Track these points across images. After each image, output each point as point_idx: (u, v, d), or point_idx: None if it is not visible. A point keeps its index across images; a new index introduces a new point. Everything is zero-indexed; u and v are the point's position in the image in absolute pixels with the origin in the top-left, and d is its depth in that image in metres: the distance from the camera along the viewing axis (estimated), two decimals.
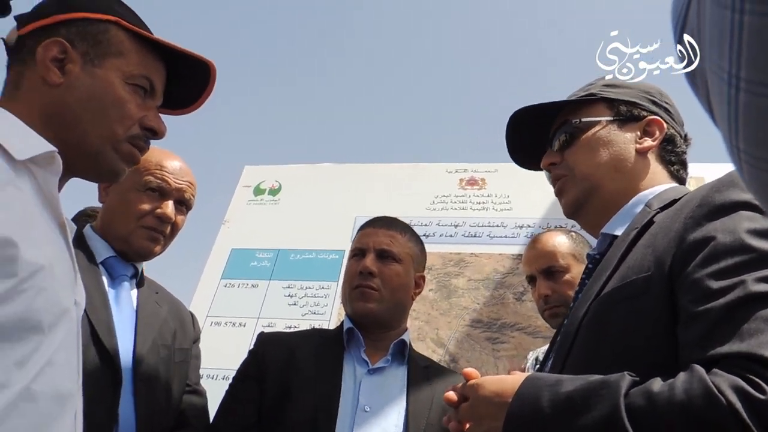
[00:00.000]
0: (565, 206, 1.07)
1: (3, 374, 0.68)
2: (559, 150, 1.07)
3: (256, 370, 1.42)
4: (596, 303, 0.87)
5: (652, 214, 0.92)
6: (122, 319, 1.29)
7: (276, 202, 2.90)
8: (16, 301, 0.70)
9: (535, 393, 0.76)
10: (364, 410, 1.33)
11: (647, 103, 1.06)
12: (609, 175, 1.02)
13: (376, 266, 1.47)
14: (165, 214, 1.38)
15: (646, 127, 1.04)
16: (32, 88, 0.86)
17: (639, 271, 0.83)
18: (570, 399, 0.73)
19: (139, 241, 1.36)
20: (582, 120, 1.05)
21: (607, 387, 0.71)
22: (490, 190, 2.77)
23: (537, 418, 0.74)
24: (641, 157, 1.03)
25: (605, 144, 1.03)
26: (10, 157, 0.76)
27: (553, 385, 0.75)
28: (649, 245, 0.86)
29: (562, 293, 1.65)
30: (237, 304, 2.55)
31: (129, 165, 0.92)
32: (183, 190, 1.43)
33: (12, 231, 0.71)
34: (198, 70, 1.00)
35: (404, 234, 1.56)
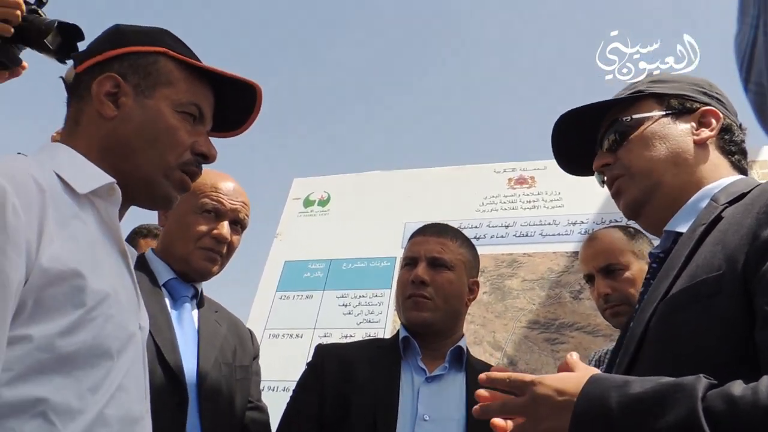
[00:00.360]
0: (625, 207, 1.03)
1: (78, 401, 0.72)
2: (611, 150, 1.04)
3: (314, 382, 1.43)
4: (663, 304, 0.83)
5: (720, 209, 0.87)
6: (185, 339, 1.33)
7: (326, 212, 2.93)
8: (87, 329, 0.74)
9: (603, 393, 0.72)
10: (424, 419, 1.33)
11: (698, 95, 1.02)
12: (669, 170, 0.97)
13: (429, 275, 1.46)
14: (221, 235, 1.42)
15: (701, 118, 1.00)
16: (90, 122, 0.90)
17: (709, 270, 0.79)
18: (641, 401, 0.69)
19: (198, 262, 1.41)
20: (633, 117, 1.01)
21: (682, 390, 0.67)
22: (540, 188, 2.72)
23: (606, 421, 0.70)
24: (700, 149, 0.98)
25: (661, 138, 0.99)
26: (73, 192, 0.80)
27: (621, 386, 0.71)
28: (718, 242, 0.81)
29: (622, 291, 1.60)
30: (293, 316, 2.59)
31: (181, 192, 0.95)
32: (237, 210, 1.47)
33: (79, 262, 0.74)
34: (245, 92, 1.03)
35: (455, 240, 1.54)
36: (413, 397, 1.37)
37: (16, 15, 1.19)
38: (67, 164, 0.84)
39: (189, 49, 0.99)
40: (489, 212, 2.71)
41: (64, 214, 0.76)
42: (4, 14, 1.18)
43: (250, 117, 1.06)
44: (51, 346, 0.70)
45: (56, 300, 0.71)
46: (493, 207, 2.72)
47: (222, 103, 1.01)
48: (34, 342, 0.69)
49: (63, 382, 0.71)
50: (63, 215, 0.76)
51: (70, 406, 0.70)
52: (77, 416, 0.71)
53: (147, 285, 1.33)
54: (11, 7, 1.18)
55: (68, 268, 0.72)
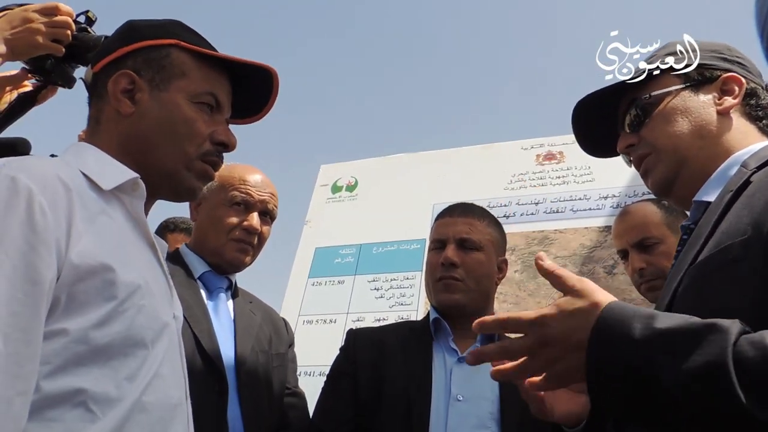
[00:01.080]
0: (654, 185, 1.01)
1: (116, 389, 0.74)
2: (633, 130, 1.01)
3: (348, 366, 1.45)
4: (690, 271, 0.81)
5: (749, 174, 0.85)
6: (222, 328, 1.37)
7: (354, 197, 2.94)
8: (119, 320, 0.76)
9: (624, 322, 0.66)
10: (457, 399, 1.33)
11: (718, 62, 0.99)
12: (695, 144, 0.95)
13: (458, 256, 1.45)
14: (251, 226, 1.45)
15: (723, 86, 0.97)
16: (109, 120, 0.92)
17: (735, 235, 0.76)
18: (670, 335, 0.64)
19: (231, 254, 1.45)
20: (652, 94, 0.99)
21: (717, 331, 0.63)
22: (569, 163, 2.67)
23: (627, 354, 0.64)
24: (724, 118, 0.95)
25: (683, 112, 0.96)
26: (98, 188, 0.82)
27: (646, 317, 0.66)
28: (745, 207, 0.79)
29: (657, 265, 1.56)
30: (326, 302, 2.62)
31: (204, 181, 0.96)
32: (266, 201, 1.50)
33: (108, 257, 0.76)
34: (262, 77, 1.03)
35: (482, 220, 1.53)
36: (446, 378, 1.37)
37: (67, 34, 1.22)
38: (91, 162, 0.86)
39: (202, 38, 0.99)
40: (518, 189, 2.68)
41: (91, 210, 0.78)
42: (54, 34, 1.20)
43: (268, 101, 1.06)
44: (86, 339, 0.72)
45: (88, 294, 0.73)
46: (522, 184, 2.69)
47: (240, 90, 1.02)
48: (70, 335, 0.71)
49: (100, 372, 0.73)
50: (90, 212, 0.78)
51: (108, 394, 0.73)
52: (116, 404, 0.73)
53: (183, 278, 1.37)
54: (61, 27, 1.21)
55: (98, 262, 0.74)
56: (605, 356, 0.67)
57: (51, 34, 1.19)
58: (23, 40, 1.17)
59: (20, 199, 0.70)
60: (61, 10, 1.21)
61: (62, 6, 1.22)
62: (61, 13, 1.21)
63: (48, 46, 1.20)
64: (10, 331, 0.66)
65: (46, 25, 1.19)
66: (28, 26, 1.17)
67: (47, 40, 1.19)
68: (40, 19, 1.19)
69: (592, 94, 1.04)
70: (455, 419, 1.31)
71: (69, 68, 1.29)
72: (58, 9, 1.21)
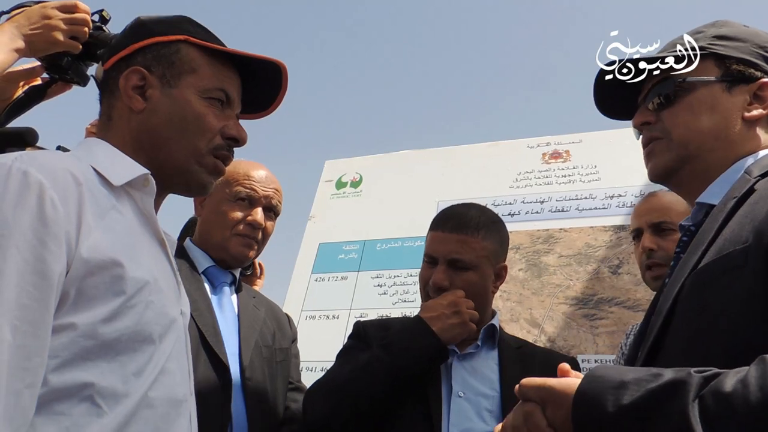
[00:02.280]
0: (653, 170, 0.99)
1: (123, 384, 0.75)
2: (654, 109, 0.99)
3: (360, 341, 1.45)
4: (691, 278, 0.81)
5: (753, 181, 0.84)
6: (226, 323, 1.37)
7: (358, 193, 2.93)
8: (128, 315, 0.76)
9: (599, 395, 0.69)
10: (458, 395, 1.34)
11: (762, 62, 0.95)
12: (708, 144, 0.93)
13: (448, 278, 1.40)
14: (255, 221, 1.46)
15: (758, 91, 0.94)
16: (120, 116, 0.92)
17: (736, 243, 0.76)
18: (636, 408, 0.66)
19: (235, 248, 1.45)
20: (686, 79, 0.95)
21: (674, 394, 0.64)
22: (576, 162, 2.66)
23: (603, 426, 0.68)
24: (747, 125, 0.93)
25: (709, 108, 0.94)
26: (109, 184, 0.82)
27: (617, 389, 0.69)
28: (747, 215, 0.79)
29: (667, 250, 1.53)
30: (329, 298, 2.62)
31: (215, 176, 0.97)
32: (270, 197, 1.50)
33: (117, 252, 0.76)
34: (271, 72, 1.03)
35: (477, 234, 1.43)
36: (447, 375, 1.37)
37: (85, 32, 1.22)
38: (102, 158, 0.86)
39: (211, 34, 1.00)
40: (523, 188, 2.67)
41: (101, 206, 0.78)
42: (73, 31, 1.21)
43: (277, 96, 1.06)
44: (94, 333, 0.72)
45: (97, 289, 0.74)
46: (528, 183, 2.68)
47: (250, 85, 1.02)
48: (78, 330, 0.71)
49: (108, 367, 0.73)
50: (100, 207, 0.78)
51: (115, 389, 0.73)
52: (122, 399, 0.74)
53: (187, 273, 1.38)
54: (80, 25, 1.21)
55: (107, 257, 0.75)
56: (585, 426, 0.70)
57: (69, 31, 1.20)
58: (42, 36, 1.17)
59: (31, 193, 0.70)
60: (80, 7, 1.21)
61: (81, 4, 1.22)
62: (79, 11, 1.21)
63: (66, 43, 1.20)
64: (19, 324, 0.66)
65: (65, 22, 1.19)
66: (46, 22, 1.18)
67: (66, 38, 1.19)
68: (59, 15, 1.19)
69: (628, 59, 1.00)
70: (457, 415, 1.31)
71: (84, 66, 1.29)
72: (77, 7, 1.21)
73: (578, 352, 2.19)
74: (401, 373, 1.29)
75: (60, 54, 1.24)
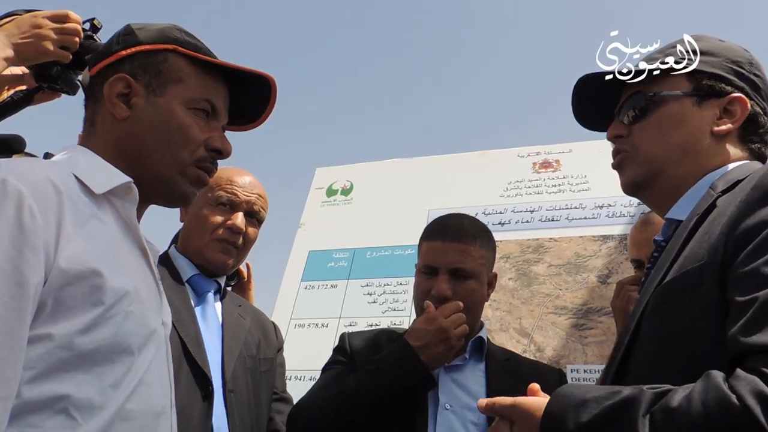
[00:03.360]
0: (624, 184, 1.01)
1: (100, 396, 0.73)
2: (629, 122, 1.00)
3: (345, 357, 1.45)
4: (654, 295, 0.83)
5: (715, 197, 0.85)
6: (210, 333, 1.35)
7: (349, 201, 2.93)
8: (106, 326, 0.75)
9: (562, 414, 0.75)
10: (445, 408, 1.33)
11: (733, 77, 0.96)
12: (675, 158, 0.94)
13: (451, 288, 1.40)
14: (235, 225, 1.43)
15: (728, 105, 0.95)
16: (104, 123, 0.91)
17: (694, 260, 0.78)
18: (592, 425, 0.72)
19: (213, 254, 1.43)
20: (657, 93, 0.97)
21: (625, 412, 0.69)
22: (566, 172, 2.67)
23: None
24: (716, 140, 0.94)
25: (678, 123, 0.95)
26: (90, 192, 0.81)
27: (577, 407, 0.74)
28: (706, 232, 0.80)
29: None
30: (318, 306, 2.60)
31: (198, 187, 0.96)
32: (252, 203, 1.48)
33: (97, 262, 0.75)
34: (260, 84, 1.02)
35: (475, 242, 1.45)
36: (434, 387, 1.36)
37: (75, 42, 1.22)
38: (84, 165, 0.85)
39: (201, 44, 0.99)
40: (513, 197, 2.67)
41: (82, 214, 0.77)
42: (63, 41, 1.20)
43: (266, 109, 1.05)
44: (71, 344, 0.71)
45: (75, 299, 0.72)
46: (518, 192, 2.68)
47: (238, 96, 1.01)
48: (54, 340, 0.70)
49: (84, 379, 0.72)
50: (81, 215, 0.77)
51: (91, 401, 0.72)
52: (98, 411, 0.72)
53: (171, 281, 1.36)
54: (70, 35, 1.21)
55: (87, 267, 0.74)
56: None
57: (60, 41, 1.20)
58: (31, 45, 1.17)
59: (10, 201, 0.69)
60: (71, 17, 1.21)
61: (72, 14, 1.22)
62: (70, 21, 1.20)
63: (56, 52, 1.20)
64: None
65: (55, 31, 1.18)
66: (37, 32, 1.17)
67: (56, 47, 1.19)
68: (50, 25, 1.19)
69: (603, 72, 1.02)
70: (443, 427, 1.31)
71: (74, 75, 1.28)
72: (68, 17, 1.21)
73: (567, 362, 2.18)
74: (387, 403, 1.29)
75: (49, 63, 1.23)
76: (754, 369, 0.64)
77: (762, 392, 0.61)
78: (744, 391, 0.62)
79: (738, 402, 0.62)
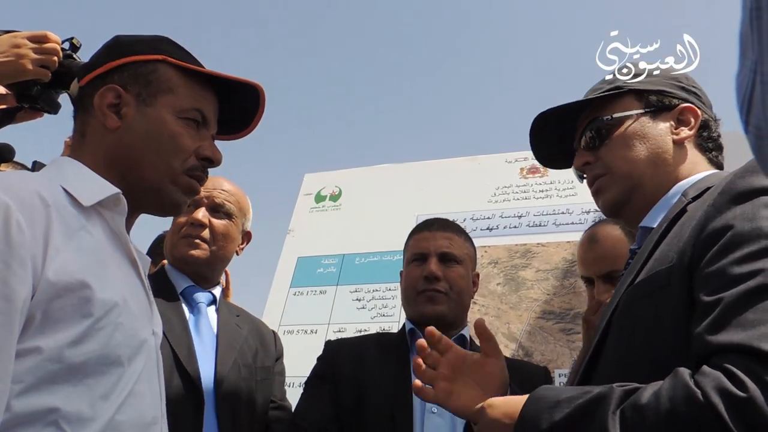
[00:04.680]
0: (604, 206, 1.04)
1: (90, 408, 0.73)
2: (591, 149, 1.03)
3: (328, 371, 1.45)
4: (624, 296, 0.86)
5: (686, 203, 0.88)
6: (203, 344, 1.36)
7: (337, 207, 2.93)
8: (95, 338, 0.75)
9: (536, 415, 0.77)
10: (432, 412, 1.34)
11: (677, 90, 1.02)
12: (649, 171, 0.98)
13: (440, 270, 1.48)
14: (194, 219, 1.45)
15: (680, 115, 1.00)
16: (95, 134, 0.91)
17: (663, 263, 0.81)
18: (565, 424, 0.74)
19: (180, 250, 1.46)
20: (613, 116, 1.01)
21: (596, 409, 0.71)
22: (553, 177, 2.69)
23: None
24: (679, 148, 0.99)
25: (641, 138, 0.99)
26: (79, 204, 0.81)
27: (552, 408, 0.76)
28: (676, 236, 0.83)
29: None
30: (307, 312, 2.60)
31: (189, 196, 0.96)
32: (213, 197, 1.49)
33: (86, 274, 0.75)
34: (249, 94, 1.03)
35: (460, 235, 1.58)
36: None
37: (54, 61, 1.22)
38: (72, 177, 0.85)
39: (189, 54, 1.00)
40: (501, 202, 2.69)
41: (70, 226, 0.77)
42: (42, 61, 1.21)
43: (254, 118, 1.06)
44: (61, 357, 0.71)
45: (64, 312, 0.72)
46: (506, 197, 2.70)
47: (227, 106, 1.01)
48: (43, 353, 0.70)
49: (74, 391, 0.72)
50: (69, 228, 0.77)
51: (81, 414, 0.72)
52: (89, 423, 0.72)
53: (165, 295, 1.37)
54: (50, 54, 1.21)
55: (75, 279, 0.73)
56: None
57: (39, 60, 1.20)
58: (10, 65, 1.18)
59: None
60: (50, 38, 1.22)
61: (51, 35, 1.22)
62: (49, 41, 1.21)
63: (35, 71, 1.21)
64: None
65: (34, 51, 1.19)
66: (16, 51, 1.18)
67: (35, 66, 1.20)
68: (29, 45, 1.19)
69: (555, 108, 1.07)
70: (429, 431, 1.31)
71: (54, 94, 1.28)
72: (47, 37, 1.22)
73: (555, 366, 2.20)
74: None
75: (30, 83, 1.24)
76: (718, 366, 0.66)
77: (725, 389, 0.63)
78: (708, 387, 0.64)
79: (702, 398, 0.64)
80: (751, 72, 0.36)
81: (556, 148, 1.12)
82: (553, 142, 1.12)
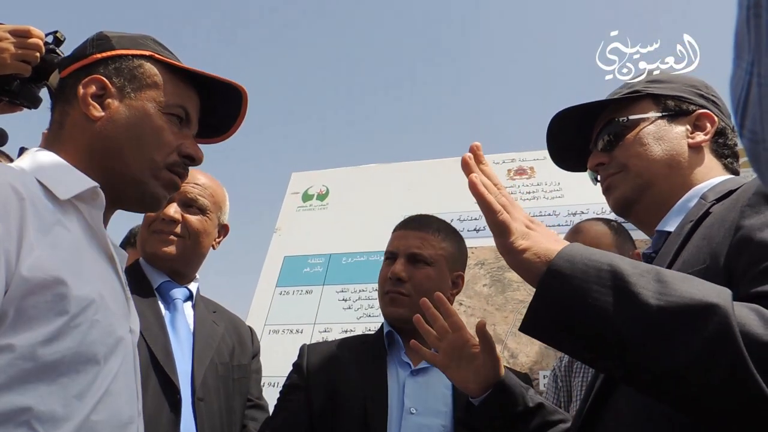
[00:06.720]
0: (615, 203, 1.03)
1: (64, 408, 0.71)
2: (606, 150, 1.03)
3: (300, 380, 1.43)
4: None
5: (708, 205, 0.87)
6: (179, 341, 1.33)
7: (324, 206, 2.92)
8: (71, 336, 0.73)
9: (607, 257, 0.72)
10: (410, 412, 1.32)
11: (695, 97, 1.02)
12: (662, 172, 0.97)
13: (407, 271, 1.44)
14: (165, 214, 1.43)
15: (696, 121, 1.00)
16: (75, 124, 0.90)
17: (694, 264, 0.79)
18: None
19: (152, 246, 1.43)
20: (629, 118, 1.01)
21: (715, 311, 0.63)
22: (540, 179, 2.70)
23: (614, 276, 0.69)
24: (694, 152, 0.98)
25: (657, 139, 0.99)
26: (55, 198, 0.79)
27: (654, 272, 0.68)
28: (704, 237, 0.82)
29: None
30: (293, 311, 2.59)
31: (170, 191, 0.95)
32: (186, 191, 1.47)
33: (61, 270, 0.73)
34: (231, 97, 1.02)
35: (437, 234, 1.50)
36: (399, 391, 1.36)
37: (36, 57, 1.21)
38: (48, 170, 0.83)
39: (173, 55, 0.99)
40: None
41: (45, 221, 0.75)
42: (24, 55, 1.19)
43: (236, 121, 1.05)
44: (34, 355, 0.69)
45: (38, 309, 0.70)
46: None
47: (208, 110, 1.01)
48: (16, 351, 0.68)
49: (48, 390, 0.70)
50: (44, 222, 0.75)
51: (54, 413, 0.70)
52: (62, 423, 0.70)
53: (140, 291, 1.34)
54: (31, 49, 1.20)
55: (50, 276, 0.72)
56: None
57: (19, 55, 1.19)
58: None
59: None
60: (33, 33, 1.20)
61: (34, 30, 1.21)
62: (32, 36, 1.19)
63: (14, 65, 1.19)
64: None
65: (15, 45, 1.17)
66: None
67: (14, 60, 1.18)
68: (10, 39, 1.18)
69: (572, 108, 1.06)
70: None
71: (35, 88, 1.27)
72: (30, 32, 1.20)
73: (540, 368, 2.20)
74: None
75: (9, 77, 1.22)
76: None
77: None
78: None
79: None
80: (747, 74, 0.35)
81: (573, 151, 1.12)
82: (571, 144, 1.11)
